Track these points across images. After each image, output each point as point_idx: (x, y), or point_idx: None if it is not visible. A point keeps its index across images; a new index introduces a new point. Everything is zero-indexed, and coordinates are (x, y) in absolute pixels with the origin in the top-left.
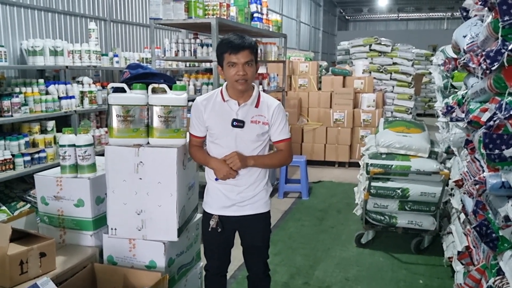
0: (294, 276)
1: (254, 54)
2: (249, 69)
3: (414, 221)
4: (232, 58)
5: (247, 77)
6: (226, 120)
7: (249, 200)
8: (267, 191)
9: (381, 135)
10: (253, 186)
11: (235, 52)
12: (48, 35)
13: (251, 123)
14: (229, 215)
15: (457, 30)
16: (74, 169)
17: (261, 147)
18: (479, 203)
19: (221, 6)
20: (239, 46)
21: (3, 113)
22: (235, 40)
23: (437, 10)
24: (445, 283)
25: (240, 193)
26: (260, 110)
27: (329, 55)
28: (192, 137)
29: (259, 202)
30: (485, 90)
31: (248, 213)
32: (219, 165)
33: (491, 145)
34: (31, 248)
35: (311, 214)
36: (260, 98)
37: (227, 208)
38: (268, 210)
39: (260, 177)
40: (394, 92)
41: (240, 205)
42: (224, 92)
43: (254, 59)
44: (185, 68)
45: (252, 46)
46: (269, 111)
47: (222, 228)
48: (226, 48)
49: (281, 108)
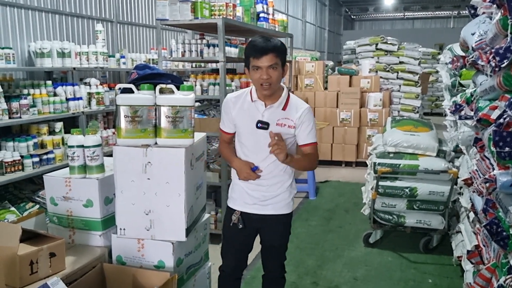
0: (302, 276)
1: (279, 57)
2: (274, 72)
3: (423, 220)
4: (256, 62)
5: (271, 81)
6: (252, 120)
7: (271, 200)
8: (290, 193)
9: (388, 134)
10: (275, 186)
11: (258, 56)
12: (56, 37)
13: (276, 126)
14: (251, 212)
15: (465, 28)
16: (82, 170)
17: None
18: (489, 202)
19: (227, 6)
20: (262, 49)
21: (12, 114)
22: (259, 44)
23: (443, 9)
24: (454, 282)
25: (262, 192)
26: (287, 113)
27: (335, 55)
28: (222, 133)
29: (281, 203)
30: (495, 88)
31: (269, 213)
32: (241, 166)
33: (501, 143)
34: (41, 248)
35: (319, 214)
36: (289, 101)
37: (249, 206)
38: (290, 212)
39: (284, 178)
40: (400, 91)
41: (262, 204)
42: (253, 92)
43: (279, 62)
44: (191, 68)
45: (277, 49)
46: (297, 114)
47: (243, 225)
48: (250, 52)
49: (310, 112)
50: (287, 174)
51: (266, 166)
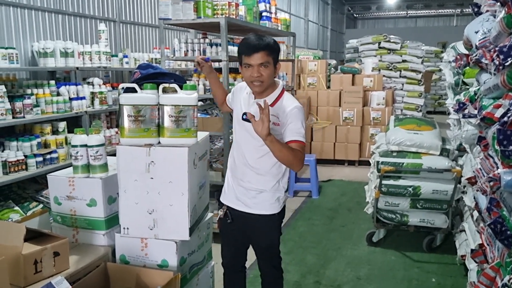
0: (305, 275)
1: (271, 55)
2: (265, 70)
3: (426, 219)
4: (247, 59)
5: (262, 79)
6: (241, 111)
7: (253, 199)
8: (274, 194)
9: (391, 133)
10: (258, 184)
11: (250, 54)
12: (59, 36)
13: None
14: (236, 208)
15: (469, 26)
16: (86, 169)
17: (267, 149)
18: (493, 201)
19: (230, 5)
20: (253, 47)
21: (16, 114)
22: (251, 42)
23: (446, 7)
24: (458, 281)
25: (244, 189)
26: (275, 110)
27: (337, 54)
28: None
29: (264, 203)
30: (498, 86)
31: (252, 211)
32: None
33: (505, 141)
34: (45, 247)
35: (322, 213)
36: (280, 98)
37: (235, 202)
38: (274, 213)
39: (267, 178)
40: (403, 90)
41: (245, 202)
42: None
43: (271, 60)
44: (194, 68)
45: (268, 47)
46: (284, 112)
47: (231, 219)
48: (242, 49)
49: (299, 111)
50: (271, 175)
51: (250, 161)
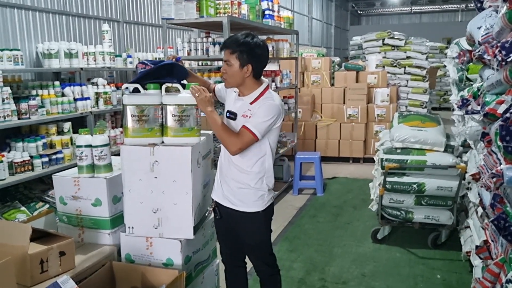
0: (311, 272)
1: (234, 54)
2: (227, 68)
3: (431, 215)
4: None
5: (225, 76)
6: (227, 107)
7: (235, 196)
8: (256, 192)
9: (395, 129)
10: (239, 180)
11: (220, 50)
12: (63, 37)
13: (241, 117)
14: (223, 204)
15: (472, 22)
16: (91, 169)
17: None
18: (497, 197)
19: (233, 4)
20: (222, 45)
21: (21, 115)
22: (225, 39)
23: (451, 2)
24: (463, 277)
25: (226, 185)
26: (254, 107)
27: (341, 51)
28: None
29: (247, 200)
30: (501, 82)
31: (235, 208)
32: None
33: (508, 137)
34: (51, 247)
35: (326, 211)
36: (261, 97)
37: (222, 197)
38: (257, 210)
39: (250, 177)
40: (408, 86)
41: (229, 198)
42: None
43: (235, 59)
44: (197, 67)
45: (230, 46)
46: (259, 107)
47: (220, 216)
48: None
49: (268, 107)
50: (253, 173)
51: (233, 158)
